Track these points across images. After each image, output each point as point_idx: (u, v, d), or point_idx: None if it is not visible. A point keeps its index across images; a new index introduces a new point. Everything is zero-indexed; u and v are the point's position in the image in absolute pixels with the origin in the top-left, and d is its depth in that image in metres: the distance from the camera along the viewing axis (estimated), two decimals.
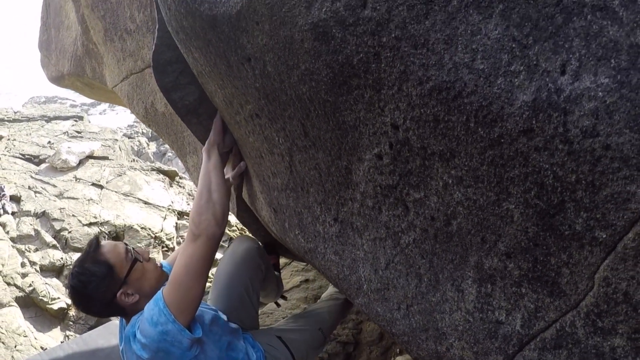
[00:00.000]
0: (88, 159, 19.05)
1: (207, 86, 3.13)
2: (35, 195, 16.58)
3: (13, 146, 20.59)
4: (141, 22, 5.35)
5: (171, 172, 18.54)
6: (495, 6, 1.43)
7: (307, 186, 2.72)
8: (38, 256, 13.60)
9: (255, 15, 2.07)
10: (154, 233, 14.38)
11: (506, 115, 1.45)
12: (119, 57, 6.36)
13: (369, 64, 1.75)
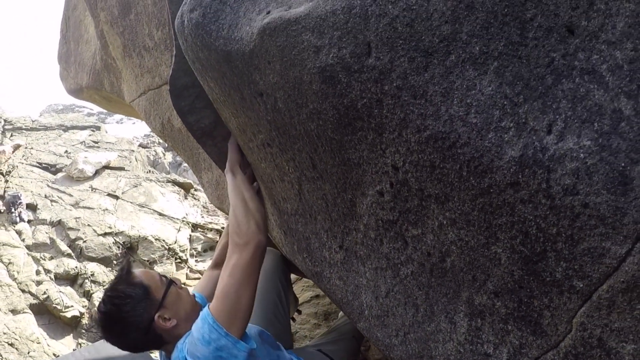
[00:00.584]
0: (104, 169, 18.92)
1: (222, 112, 3.21)
2: (52, 204, 16.54)
3: (30, 154, 20.54)
4: (159, 39, 5.45)
5: (186, 184, 18.45)
6: (490, 63, 1.54)
7: (314, 214, 2.80)
8: (53, 264, 13.56)
9: (267, 55, 2.16)
10: (168, 245, 14.31)
11: (495, 167, 1.55)
12: (137, 73, 6.47)
13: (372, 109, 1.84)
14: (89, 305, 12.42)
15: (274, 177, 3.06)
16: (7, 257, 13.56)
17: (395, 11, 1.67)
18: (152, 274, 3.38)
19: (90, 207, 16.28)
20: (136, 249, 14.23)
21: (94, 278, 13.13)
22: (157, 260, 13.84)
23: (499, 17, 1.52)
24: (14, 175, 18.30)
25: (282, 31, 2.01)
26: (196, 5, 2.55)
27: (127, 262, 3.41)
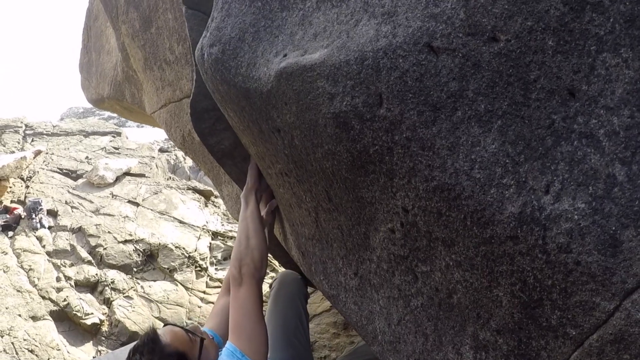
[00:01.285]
0: (125, 176, 18.93)
1: (242, 139, 3.29)
2: (72, 210, 16.57)
3: (51, 160, 20.58)
4: (180, 54, 5.47)
5: (207, 192, 18.47)
6: (494, 121, 1.63)
7: (331, 241, 2.88)
8: (73, 271, 13.61)
9: (283, 96, 2.25)
10: (188, 253, 14.34)
11: (497, 221, 1.64)
12: (157, 86, 6.52)
13: (383, 155, 1.93)
14: (109, 312, 12.47)
15: (292, 203, 3.14)
16: (27, 264, 13.61)
17: (405, 65, 1.75)
18: (181, 336, 3.27)
19: (111, 214, 16.30)
20: (156, 257, 14.26)
21: (114, 285, 13.17)
22: (177, 268, 13.90)
23: (504, 77, 1.61)
24: (35, 181, 18.34)
25: (298, 76, 2.10)
26: (215, 41, 2.63)
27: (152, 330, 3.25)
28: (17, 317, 11.82)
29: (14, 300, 12.30)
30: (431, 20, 1.72)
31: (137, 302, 12.74)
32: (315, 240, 3.11)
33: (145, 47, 6.53)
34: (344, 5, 2.08)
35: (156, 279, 13.79)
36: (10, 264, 13.67)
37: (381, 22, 1.86)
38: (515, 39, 1.57)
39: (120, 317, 12.17)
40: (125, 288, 13.12)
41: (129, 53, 7.39)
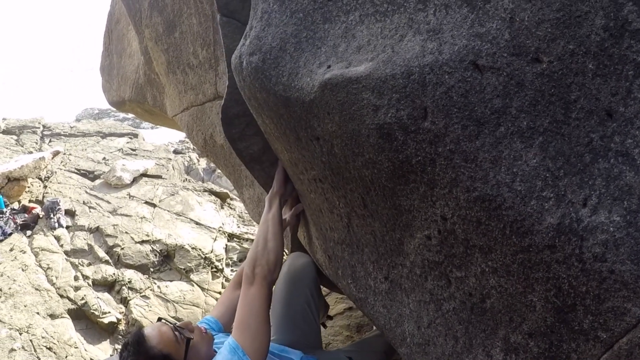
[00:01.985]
0: (142, 177, 18.97)
1: (274, 144, 3.36)
2: (90, 210, 16.62)
3: (69, 160, 20.65)
4: (204, 58, 5.57)
5: (223, 194, 18.48)
6: (535, 138, 1.73)
7: (362, 246, 2.94)
8: (91, 270, 13.66)
9: (326, 106, 2.32)
10: (204, 254, 14.38)
11: (535, 231, 1.74)
12: (180, 89, 6.60)
13: (426, 166, 2.02)
14: (126, 311, 12.51)
15: (322, 208, 3.21)
16: (46, 262, 13.66)
17: (451, 81, 1.85)
18: (167, 336, 3.21)
19: (128, 215, 16.35)
20: (173, 257, 14.30)
21: (131, 285, 13.21)
22: (194, 269, 13.93)
23: (546, 96, 1.71)
24: (53, 181, 18.41)
25: (343, 88, 2.17)
26: (256, 50, 2.70)
27: (139, 331, 3.22)
28: (36, 315, 11.88)
29: (32, 298, 12.37)
30: (477, 40, 1.82)
31: (153, 302, 12.80)
32: (345, 245, 3.17)
33: (169, 51, 6.61)
34: (387, 20, 2.16)
35: (172, 279, 13.84)
36: (29, 262, 13.74)
37: (427, 39, 1.95)
38: (558, 60, 1.67)
39: (137, 316, 12.23)
40: (142, 288, 13.19)
41: (151, 56, 7.47)
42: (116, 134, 25.15)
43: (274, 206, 3.67)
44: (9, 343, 11.05)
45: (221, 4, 3.41)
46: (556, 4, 1.68)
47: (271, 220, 3.58)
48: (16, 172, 17.26)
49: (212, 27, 5.40)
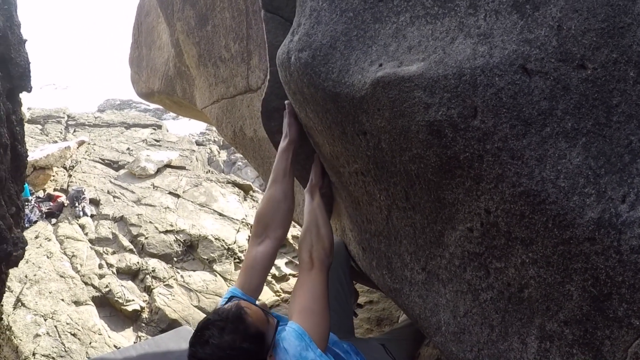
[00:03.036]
0: (166, 168, 18.92)
1: (315, 137, 3.46)
2: (114, 199, 16.65)
3: (93, 150, 20.68)
4: (236, 52, 5.67)
5: (246, 186, 18.43)
6: (579, 138, 1.87)
7: (400, 237, 3.04)
8: (115, 259, 13.68)
9: (377, 103, 2.42)
10: (227, 245, 14.36)
11: (577, 224, 1.88)
12: (211, 82, 6.73)
13: (473, 162, 2.14)
14: (150, 300, 12.53)
15: (361, 201, 3.30)
16: (70, 250, 13.71)
17: (501, 83, 1.98)
18: (261, 315, 3.10)
19: (152, 205, 16.36)
20: (196, 248, 14.28)
21: (154, 274, 13.24)
22: (217, 259, 13.92)
23: (590, 100, 1.85)
24: (77, 170, 18.45)
25: (396, 86, 2.28)
26: (305, 46, 2.79)
27: (238, 307, 3.05)
28: (60, 302, 11.94)
29: (57, 285, 12.44)
30: (526, 45, 1.95)
31: (177, 291, 12.83)
32: (382, 236, 3.26)
33: (200, 44, 6.74)
34: (438, 22, 2.27)
35: (196, 269, 13.85)
36: (54, 250, 13.80)
37: (477, 42, 2.08)
38: (601, 68, 1.81)
39: (160, 304, 12.25)
40: (165, 277, 13.21)
41: (182, 49, 7.56)
42: (140, 125, 25.13)
43: (315, 196, 3.77)
44: (34, 329, 11.12)
45: (266, 0, 3.50)
46: (601, 15, 1.81)
47: (318, 209, 3.67)
48: (42, 161, 17.35)
49: (246, 22, 5.48)
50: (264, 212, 3.66)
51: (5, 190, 7.40)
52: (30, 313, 11.57)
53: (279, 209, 3.63)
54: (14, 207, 7.80)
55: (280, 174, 3.68)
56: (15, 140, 7.93)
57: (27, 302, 11.78)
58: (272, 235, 3.57)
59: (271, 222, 3.60)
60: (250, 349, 2.88)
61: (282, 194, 3.64)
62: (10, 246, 6.67)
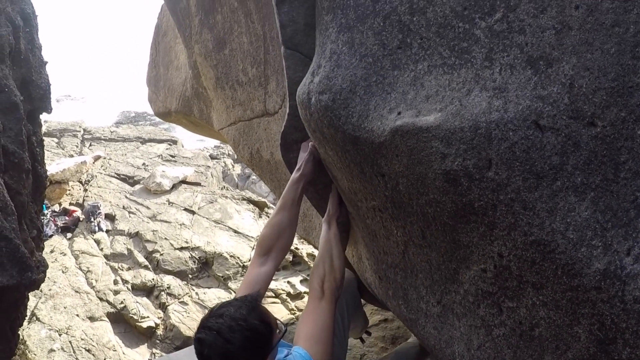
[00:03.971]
0: (181, 184, 19.13)
1: (333, 171, 3.56)
2: (129, 215, 16.78)
3: (109, 165, 20.84)
4: (253, 76, 5.75)
5: (260, 203, 18.56)
6: (588, 193, 1.97)
7: (416, 271, 3.12)
8: (130, 275, 13.82)
9: (395, 149, 2.53)
10: (242, 262, 14.48)
11: (584, 274, 1.98)
12: (228, 104, 6.82)
13: (487, 210, 2.24)
14: (164, 316, 12.62)
15: (378, 234, 3.38)
16: (86, 265, 13.85)
17: (515, 138, 2.09)
18: (272, 317, 3.14)
19: (167, 221, 16.48)
20: (211, 265, 14.39)
21: (169, 290, 13.34)
22: (232, 276, 14.03)
23: (599, 157, 1.95)
24: (93, 185, 18.59)
25: (414, 135, 2.39)
26: (326, 89, 2.89)
27: (256, 294, 3.19)
28: (75, 317, 12.06)
29: (72, 300, 12.56)
30: (539, 101, 2.06)
31: (191, 308, 12.93)
32: (398, 269, 3.35)
33: (218, 67, 6.83)
34: (455, 73, 2.38)
35: (210, 286, 13.96)
36: (69, 264, 13.94)
37: (492, 96, 2.19)
38: (611, 126, 1.91)
39: (175, 321, 12.36)
40: (180, 294, 13.32)
41: (200, 71, 7.65)
42: (156, 140, 25.25)
43: (332, 226, 3.88)
44: (49, 343, 11.22)
45: (286, 37, 3.60)
46: (611, 74, 1.91)
47: (333, 240, 3.79)
48: (58, 175, 17.49)
49: (263, 47, 5.56)
50: (269, 235, 3.77)
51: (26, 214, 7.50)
52: (45, 328, 11.66)
53: (283, 235, 3.77)
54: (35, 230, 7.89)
55: (288, 203, 3.81)
56: (35, 161, 8.04)
57: (42, 316, 11.88)
58: (274, 257, 3.70)
59: (274, 246, 3.73)
60: (261, 329, 2.94)
61: (288, 221, 3.79)
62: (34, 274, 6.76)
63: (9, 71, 7.36)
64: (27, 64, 8.23)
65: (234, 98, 6.73)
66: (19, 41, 7.92)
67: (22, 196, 7.32)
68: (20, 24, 8.08)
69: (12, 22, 7.74)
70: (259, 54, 5.71)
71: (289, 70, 3.70)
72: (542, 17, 2.12)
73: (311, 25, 3.46)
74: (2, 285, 6.11)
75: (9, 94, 7.19)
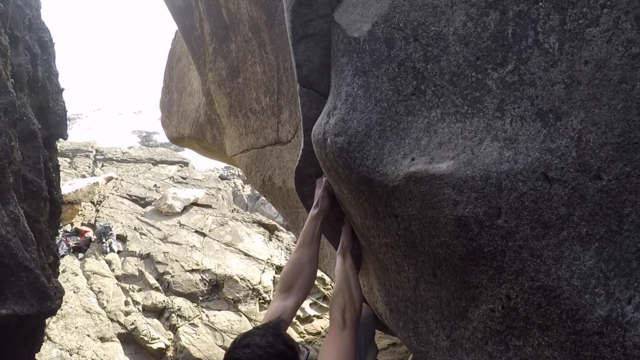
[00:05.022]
0: (192, 206, 19.21)
1: (346, 207, 3.65)
2: (141, 236, 16.85)
3: (121, 186, 20.91)
4: (266, 105, 5.87)
5: (271, 226, 18.60)
6: (593, 243, 2.08)
7: (427, 306, 3.19)
8: (141, 296, 13.87)
9: (409, 194, 2.63)
10: (252, 285, 14.52)
11: (587, 319, 2.08)
12: (241, 132, 6.93)
13: (496, 255, 2.34)
14: (175, 338, 12.66)
15: (390, 269, 3.47)
16: (97, 286, 13.90)
17: (524, 189, 2.20)
18: (295, 343, 3.10)
19: (178, 243, 16.53)
20: (222, 287, 14.44)
21: (180, 312, 13.38)
22: (242, 299, 14.07)
23: (604, 209, 2.05)
24: (105, 206, 18.64)
25: (427, 182, 2.50)
26: (341, 132, 2.99)
27: (277, 319, 3.18)
28: (86, 337, 12.10)
29: (83, 320, 12.61)
30: (548, 154, 2.16)
31: (202, 330, 12.97)
32: (409, 302, 3.42)
33: (231, 95, 6.96)
34: (467, 122, 2.48)
35: (221, 308, 14.00)
36: (80, 285, 14.00)
37: (503, 147, 2.29)
38: (616, 180, 2.02)
39: (185, 343, 12.39)
40: (190, 316, 13.37)
41: (213, 98, 7.79)
42: (167, 162, 25.31)
43: (347, 258, 3.95)
44: None
45: (302, 76, 3.68)
46: (618, 130, 2.01)
47: (350, 271, 3.85)
48: (70, 196, 17.54)
49: (277, 77, 5.67)
50: (290, 272, 3.82)
51: (43, 241, 7.59)
52: (56, 347, 11.70)
53: (304, 271, 3.81)
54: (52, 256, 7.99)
55: (308, 239, 3.88)
56: (51, 186, 8.14)
57: (53, 336, 11.92)
58: (296, 294, 3.71)
59: (296, 282, 3.76)
60: (288, 354, 2.89)
61: (307, 257, 3.84)
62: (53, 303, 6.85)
63: (27, 99, 7.48)
64: (44, 91, 8.36)
65: (247, 126, 6.86)
66: (37, 69, 8.04)
67: (40, 224, 7.41)
68: (38, 52, 8.20)
69: (30, 50, 7.86)
70: (272, 84, 5.83)
71: (304, 107, 3.78)
72: (552, 70, 2.22)
73: (326, 65, 3.54)
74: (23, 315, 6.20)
75: (27, 123, 7.30)
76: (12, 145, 6.43)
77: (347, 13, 3.28)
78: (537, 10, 2.31)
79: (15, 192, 6.63)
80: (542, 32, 2.28)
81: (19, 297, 6.26)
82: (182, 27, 8.33)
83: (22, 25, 7.63)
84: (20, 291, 6.27)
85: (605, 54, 2.09)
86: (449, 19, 2.63)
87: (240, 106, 6.93)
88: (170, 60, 10.96)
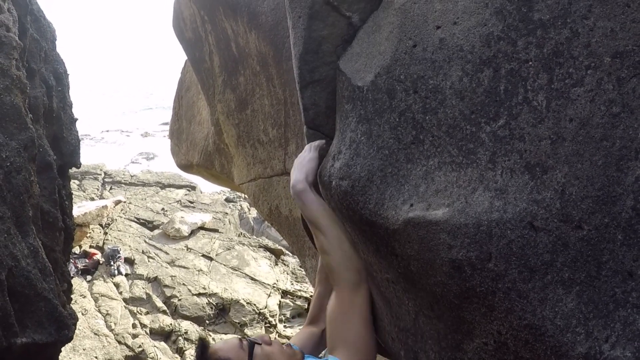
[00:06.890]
0: (199, 230, 19.44)
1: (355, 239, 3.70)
2: (148, 260, 16.99)
3: (129, 209, 21.05)
4: (274, 137, 6.07)
5: (277, 250, 18.70)
6: (574, 287, 2.29)
7: (426, 337, 3.30)
8: (148, 319, 14.00)
9: (408, 237, 2.81)
10: (259, 309, 14.61)
11: (569, 356, 2.29)
12: (249, 162, 7.11)
13: (487, 295, 2.53)
14: None
15: (392, 302, 3.59)
16: (105, 308, 14.04)
17: (512, 236, 2.40)
18: (231, 343, 3.20)
19: (186, 267, 16.65)
20: (228, 311, 14.56)
21: (187, 336, 13.50)
22: (248, 323, 14.18)
23: (584, 256, 2.26)
24: (113, 229, 18.76)
25: (424, 227, 2.69)
26: (345, 176, 3.18)
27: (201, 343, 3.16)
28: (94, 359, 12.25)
29: (91, 342, 12.72)
30: (534, 205, 2.37)
31: None
32: (409, 333, 3.52)
33: (240, 126, 7.15)
34: (462, 171, 2.67)
35: (227, 332, 14.08)
36: (88, 307, 14.14)
37: (494, 197, 2.50)
38: (595, 230, 2.24)
39: None
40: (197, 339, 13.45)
41: (222, 128, 7.97)
42: (175, 185, 25.44)
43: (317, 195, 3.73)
44: None
45: (308, 119, 3.87)
46: (598, 184, 2.23)
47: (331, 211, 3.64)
48: (79, 219, 17.63)
49: (284, 110, 5.84)
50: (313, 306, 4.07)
51: (58, 269, 7.77)
52: None
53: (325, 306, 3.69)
54: (66, 284, 8.17)
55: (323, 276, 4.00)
56: (64, 214, 8.32)
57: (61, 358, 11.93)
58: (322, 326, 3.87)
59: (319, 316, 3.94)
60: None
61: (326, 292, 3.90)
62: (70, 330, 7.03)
63: (43, 130, 7.65)
64: (58, 122, 8.55)
65: (254, 156, 7.03)
66: (52, 100, 8.22)
67: (55, 253, 7.60)
68: (53, 83, 8.37)
69: (45, 82, 8.04)
70: (280, 117, 6.04)
71: None
72: (540, 126, 2.42)
73: (332, 108, 3.71)
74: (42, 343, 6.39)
75: (43, 154, 7.49)
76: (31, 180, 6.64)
77: (351, 62, 3.46)
78: (527, 69, 2.50)
79: (34, 224, 6.82)
80: (531, 90, 2.48)
81: (38, 326, 6.45)
82: (192, 59, 8.49)
83: (38, 58, 7.80)
84: (40, 320, 6.45)
85: (588, 113, 2.29)
86: (446, 74, 2.80)
87: (248, 137, 7.09)
88: (180, 89, 11.16)
